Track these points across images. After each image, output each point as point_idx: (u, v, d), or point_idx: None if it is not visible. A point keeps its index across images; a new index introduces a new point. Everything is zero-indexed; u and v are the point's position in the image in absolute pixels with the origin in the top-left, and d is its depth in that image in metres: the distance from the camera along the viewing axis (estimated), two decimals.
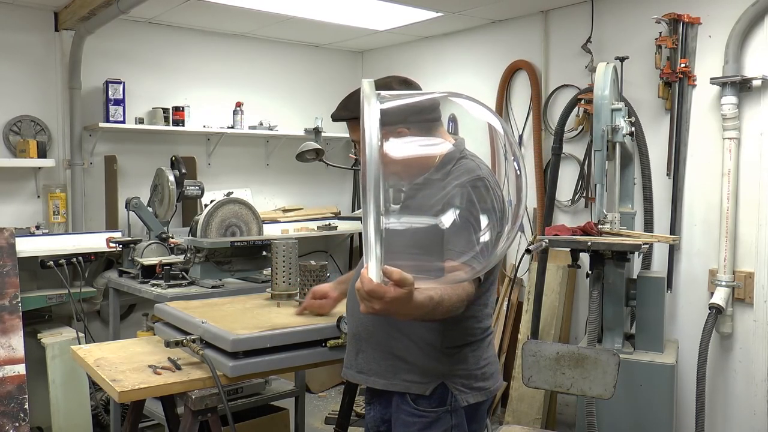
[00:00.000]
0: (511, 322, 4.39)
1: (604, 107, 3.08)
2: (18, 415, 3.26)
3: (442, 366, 1.76)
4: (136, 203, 4.04)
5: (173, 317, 2.31)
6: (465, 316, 1.74)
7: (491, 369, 1.85)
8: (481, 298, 1.79)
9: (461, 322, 1.76)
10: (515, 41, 4.47)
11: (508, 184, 1.53)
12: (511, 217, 1.50)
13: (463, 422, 1.78)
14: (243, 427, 3.23)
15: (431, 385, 1.76)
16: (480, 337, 1.82)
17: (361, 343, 1.85)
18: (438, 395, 1.76)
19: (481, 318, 1.81)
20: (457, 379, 1.77)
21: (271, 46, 5.16)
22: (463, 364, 1.78)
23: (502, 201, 1.64)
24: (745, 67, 3.34)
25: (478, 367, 1.81)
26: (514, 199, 1.49)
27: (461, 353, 1.78)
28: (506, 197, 1.57)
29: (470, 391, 1.78)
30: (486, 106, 1.57)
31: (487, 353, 1.85)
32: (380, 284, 1.32)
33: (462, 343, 1.78)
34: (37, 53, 4.16)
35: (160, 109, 4.47)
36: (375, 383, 1.83)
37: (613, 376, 2.53)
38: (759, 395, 3.34)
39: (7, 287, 3.46)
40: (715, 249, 3.44)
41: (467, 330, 1.79)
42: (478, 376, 1.80)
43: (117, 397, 1.88)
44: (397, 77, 1.89)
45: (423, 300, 1.45)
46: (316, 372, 4.51)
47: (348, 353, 1.92)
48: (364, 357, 1.85)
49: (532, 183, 4.38)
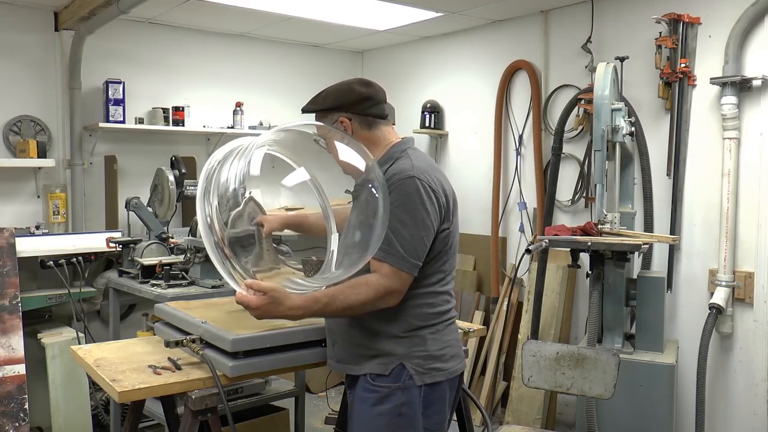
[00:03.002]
0: (511, 322, 4.39)
1: (604, 107, 3.08)
2: (18, 415, 3.26)
3: (401, 348, 1.89)
4: (136, 203, 4.04)
5: (173, 317, 2.31)
6: (414, 304, 1.89)
7: (452, 351, 1.96)
8: (430, 287, 1.91)
9: (411, 309, 1.89)
10: (515, 41, 4.47)
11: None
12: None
13: (413, 401, 1.87)
14: (243, 427, 3.23)
15: (391, 366, 1.88)
16: (438, 321, 1.94)
17: (335, 335, 2.01)
18: (395, 374, 1.88)
19: (436, 304, 1.93)
20: (416, 359, 1.89)
21: (271, 46, 5.16)
22: (421, 346, 1.90)
23: (436, 200, 1.86)
24: (745, 67, 3.34)
25: (438, 348, 1.92)
26: (372, 221, 1.80)
27: (419, 336, 1.90)
28: (443, 197, 1.88)
29: (428, 372, 1.89)
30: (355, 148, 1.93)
31: (448, 336, 1.96)
32: (243, 294, 1.78)
33: (418, 327, 1.90)
34: (37, 53, 4.16)
35: (160, 109, 4.47)
36: (350, 370, 1.97)
37: (613, 376, 2.53)
38: (759, 395, 3.34)
39: (7, 287, 3.46)
40: (715, 249, 3.44)
41: (421, 315, 1.91)
42: (437, 357, 1.91)
43: (117, 397, 1.88)
44: (359, 79, 2.04)
45: (303, 302, 1.80)
46: (316, 372, 4.51)
47: (328, 345, 2.06)
48: (338, 347, 2.00)
49: (532, 183, 4.38)
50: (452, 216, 1.95)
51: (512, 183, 4.54)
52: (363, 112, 1.96)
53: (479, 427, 3.86)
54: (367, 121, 1.98)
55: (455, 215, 1.98)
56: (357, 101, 1.96)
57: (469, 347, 3.69)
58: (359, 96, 1.96)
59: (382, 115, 2.00)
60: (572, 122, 4.08)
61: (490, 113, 4.60)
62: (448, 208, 1.92)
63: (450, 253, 1.96)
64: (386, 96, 2.05)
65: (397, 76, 5.32)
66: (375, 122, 1.99)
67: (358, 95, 1.96)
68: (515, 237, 4.54)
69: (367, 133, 1.98)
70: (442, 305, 1.96)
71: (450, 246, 1.95)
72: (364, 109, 1.96)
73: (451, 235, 1.95)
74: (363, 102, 1.96)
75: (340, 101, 1.97)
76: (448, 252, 1.95)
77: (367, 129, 1.98)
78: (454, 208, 1.97)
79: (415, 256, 1.83)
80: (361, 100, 1.96)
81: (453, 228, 1.96)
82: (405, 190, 1.82)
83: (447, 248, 1.94)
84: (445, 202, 1.91)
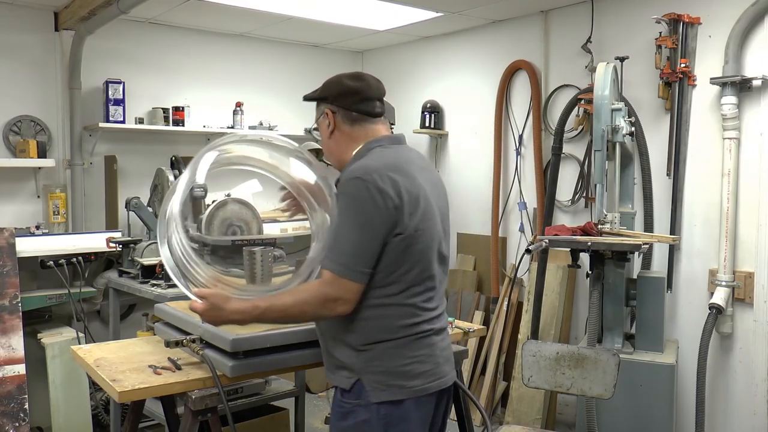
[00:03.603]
0: (511, 322, 4.39)
1: (604, 107, 3.08)
2: (18, 415, 3.26)
3: (358, 362, 1.80)
4: (136, 203, 4.04)
5: (173, 317, 2.32)
6: (374, 315, 1.78)
7: (421, 368, 1.81)
8: (391, 297, 1.78)
9: (371, 320, 1.78)
10: (515, 41, 4.47)
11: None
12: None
13: (374, 418, 1.77)
14: (243, 427, 3.23)
15: (352, 380, 1.81)
16: (403, 335, 1.79)
17: (320, 342, 1.97)
18: (356, 390, 1.80)
19: (401, 316, 1.79)
20: (372, 375, 1.79)
21: (271, 46, 5.16)
22: (378, 361, 1.79)
23: (383, 202, 1.71)
24: (745, 67, 3.34)
25: (400, 364, 1.79)
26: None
27: (376, 350, 1.79)
28: (398, 199, 1.72)
29: (386, 388, 1.77)
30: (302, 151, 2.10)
31: (416, 351, 1.81)
32: (192, 302, 1.84)
33: (376, 341, 1.79)
34: (37, 53, 4.16)
35: (160, 109, 4.47)
36: (329, 378, 1.93)
37: (613, 376, 2.53)
38: (759, 395, 3.34)
39: (7, 287, 3.46)
40: (715, 249, 3.44)
41: (382, 328, 1.79)
42: (398, 374, 1.78)
43: (117, 397, 1.88)
44: (354, 72, 1.96)
45: (244, 307, 1.78)
46: (316, 372, 4.50)
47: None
48: (323, 354, 1.96)
49: (532, 183, 4.38)
50: (413, 219, 1.76)
51: (512, 183, 4.54)
52: (347, 107, 1.88)
53: (479, 427, 3.86)
54: (351, 116, 1.88)
55: (427, 219, 1.81)
56: (341, 94, 1.88)
57: (469, 347, 3.69)
58: (345, 89, 1.88)
59: (371, 112, 1.90)
60: (572, 122, 4.08)
61: (490, 113, 4.60)
62: (403, 211, 1.73)
63: (413, 262, 1.77)
64: (382, 92, 1.95)
65: (397, 76, 5.32)
66: (360, 118, 1.89)
67: (344, 88, 1.88)
68: (515, 237, 4.54)
69: (347, 129, 1.89)
70: (409, 318, 1.79)
71: (412, 255, 1.77)
72: (349, 104, 1.87)
73: (410, 242, 1.75)
74: (348, 96, 1.88)
75: (326, 92, 1.91)
76: (409, 261, 1.77)
77: (348, 124, 1.89)
78: (418, 210, 1.77)
79: (358, 262, 1.71)
80: (347, 94, 1.88)
81: (412, 233, 1.75)
82: (349, 192, 1.74)
83: (407, 257, 1.76)
84: (399, 203, 1.72)
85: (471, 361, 4.44)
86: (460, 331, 2.61)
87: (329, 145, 1.95)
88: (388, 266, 1.75)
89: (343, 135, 1.90)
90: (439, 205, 1.90)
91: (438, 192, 1.93)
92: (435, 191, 1.90)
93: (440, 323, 1.91)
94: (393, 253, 1.74)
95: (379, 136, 1.91)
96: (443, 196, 1.97)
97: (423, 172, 1.87)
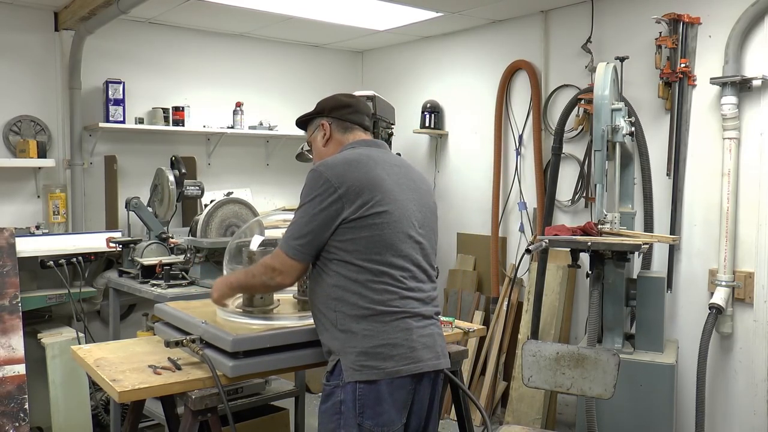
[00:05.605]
0: (511, 322, 4.39)
1: (604, 107, 3.08)
2: (18, 415, 3.26)
3: (338, 343, 1.91)
4: (136, 203, 4.04)
5: (173, 317, 2.32)
6: (348, 298, 1.88)
7: (394, 351, 1.88)
8: (359, 281, 1.88)
9: (345, 303, 1.89)
10: (515, 41, 4.47)
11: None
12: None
13: (349, 399, 1.86)
14: (243, 427, 3.23)
15: (333, 362, 1.92)
16: (371, 314, 1.88)
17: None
18: (337, 371, 1.90)
19: (367, 296, 1.88)
20: (349, 356, 1.88)
21: (271, 46, 5.16)
22: (352, 341, 1.88)
23: (326, 189, 1.89)
24: (745, 67, 3.34)
25: (373, 345, 1.87)
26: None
27: (351, 331, 1.89)
28: (342, 188, 1.88)
29: (361, 369, 1.86)
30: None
31: (391, 335, 1.88)
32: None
33: (350, 321, 1.89)
34: (37, 53, 4.16)
35: (160, 109, 4.47)
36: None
37: (613, 376, 2.53)
38: (759, 395, 3.34)
39: (7, 287, 3.46)
40: (715, 249, 3.44)
41: (352, 307, 1.89)
42: (371, 354, 1.86)
43: (117, 397, 1.88)
44: (345, 93, 2.29)
45: (225, 280, 2.16)
46: (316, 372, 4.50)
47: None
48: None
49: (532, 183, 4.38)
50: (364, 206, 1.87)
51: (512, 183, 4.54)
52: (342, 117, 2.14)
53: (479, 427, 3.87)
54: (344, 125, 2.14)
55: (386, 204, 1.90)
56: (336, 107, 2.15)
57: (469, 347, 3.69)
58: (339, 102, 2.16)
59: (362, 123, 2.16)
60: (572, 122, 4.08)
61: (490, 113, 4.60)
62: (348, 198, 1.87)
63: (377, 244, 1.88)
64: (370, 111, 2.26)
65: (397, 76, 5.32)
66: (352, 127, 2.14)
67: (339, 102, 2.16)
68: (515, 237, 4.54)
69: (340, 136, 2.14)
70: (377, 296, 1.87)
71: (373, 238, 1.87)
72: (343, 114, 2.14)
73: (364, 224, 1.87)
74: (342, 108, 2.14)
75: (322, 106, 2.18)
76: (372, 244, 1.87)
77: (341, 132, 2.14)
78: (371, 198, 1.89)
79: (299, 242, 1.90)
80: (341, 107, 2.15)
81: (365, 217, 1.87)
82: (306, 182, 1.96)
83: (369, 241, 1.87)
84: (343, 192, 1.87)
85: (471, 361, 4.45)
86: (460, 331, 2.61)
87: (326, 153, 2.15)
88: (351, 249, 1.89)
89: (336, 143, 2.14)
90: (416, 198, 2.04)
91: (416, 186, 2.07)
92: (411, 185, 2.05)
93: (420, 308, 1.96)
94: (349, 235, 1.88)
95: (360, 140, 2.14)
96: (425, 192, 2.12)
97: (393, 168, 2.03)
